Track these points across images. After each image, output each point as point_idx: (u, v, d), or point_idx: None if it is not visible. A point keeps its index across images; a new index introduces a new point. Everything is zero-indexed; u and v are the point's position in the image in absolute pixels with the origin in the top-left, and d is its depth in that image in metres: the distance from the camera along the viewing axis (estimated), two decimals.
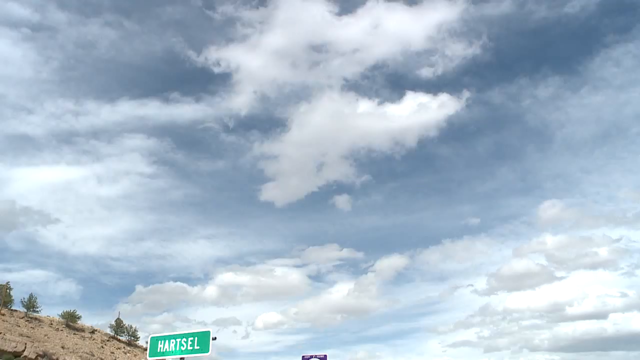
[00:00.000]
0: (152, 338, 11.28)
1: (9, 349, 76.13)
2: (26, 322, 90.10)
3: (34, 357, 78.94)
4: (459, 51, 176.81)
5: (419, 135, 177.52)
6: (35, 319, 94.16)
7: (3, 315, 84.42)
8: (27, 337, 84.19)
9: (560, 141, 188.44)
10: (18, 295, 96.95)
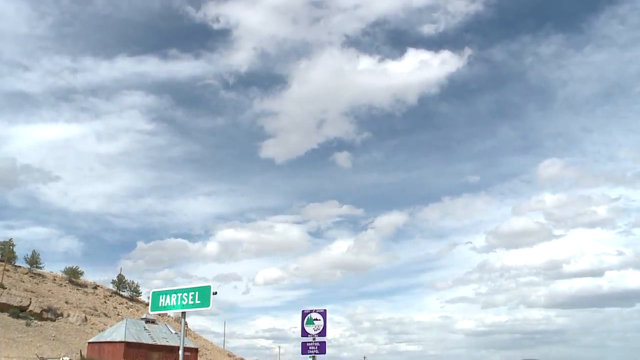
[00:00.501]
0: (153, 293, 11.50)
1: (15, 304, 77.56)
2: (30, 278, 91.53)
3: (39, 311, 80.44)
4: (461, 8, 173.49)
5: (420, 93, 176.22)
6: (39, 274, 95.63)
7: (7, 271, 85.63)
8: (32, 292, 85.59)
9: (562, 100, 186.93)
10: (21, 252, 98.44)
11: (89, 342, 70.55)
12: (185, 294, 10.86)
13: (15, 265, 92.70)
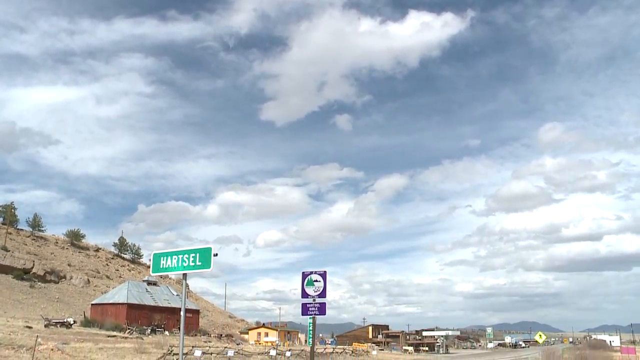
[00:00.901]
0: (154, 255, 11.65)
1: (19, 266, 78.47)
2: (32, 241, 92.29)
3: (42, 274, 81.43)
4: None
5: (421, 55, 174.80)
6: (41, 237, 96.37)
7: (10, 234, 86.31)
8: (35, 255, 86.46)
9: (564, 63, 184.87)
10: (23, 215, 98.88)
11: (92, 304, 71.60)
12: (186, 255, 11.01)
13: (18, 229, 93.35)
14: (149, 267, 14.65)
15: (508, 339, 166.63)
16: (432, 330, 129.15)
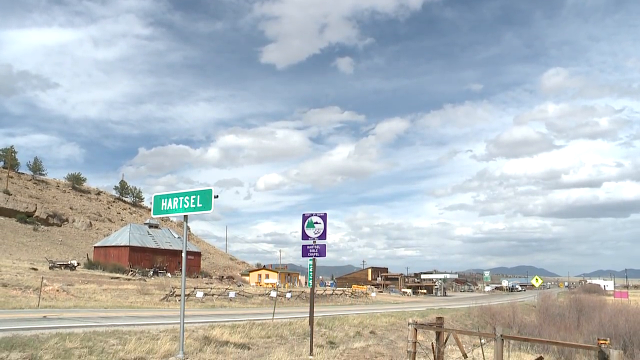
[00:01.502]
0: (155, 197, 11.62)
1: (21, 210, 79.09)
2: (34, 185, 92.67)
3: (45, 217, 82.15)
4: None
5: None
6: (42, 181, 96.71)
7: (11, 178, 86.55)
8: (37, 198, 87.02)
9: (571, 6, 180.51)
10: (23, 159, 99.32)
11: (94, 247, 72.59)
12: (187, 197, 10.99)
13: (19, 172, 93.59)
14: (150, 210, 14.68)
15: (505, 283, 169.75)
16: (431, 273, 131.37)
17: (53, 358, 9.53)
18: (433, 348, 13.48)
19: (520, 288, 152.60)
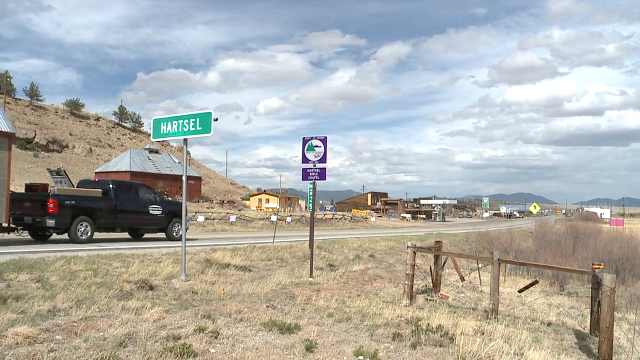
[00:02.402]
0: (154, 120, 11.48)
1: (20, 136, 78.80)
2: (32, 111, 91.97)
3: (44, 143, 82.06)
4: None
5: None
6: (40, 107, 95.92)
7: (8, 103, 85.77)
8: (35, 124, 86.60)
9: None
10: (19, 84, 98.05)
11: (95, 172, 72.88)
12: (187, 120, 10.85)
13: (16, 98, 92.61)
14: (150, 135, 14.52)
15: (503, 209, 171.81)
16: (430, 199, 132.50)
17: (59, 280, 9.70)
18: (431, 271, 13.74)
19: (518, 215, 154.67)
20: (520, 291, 12.20)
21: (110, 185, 19.37)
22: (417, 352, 6.84)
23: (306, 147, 12.88)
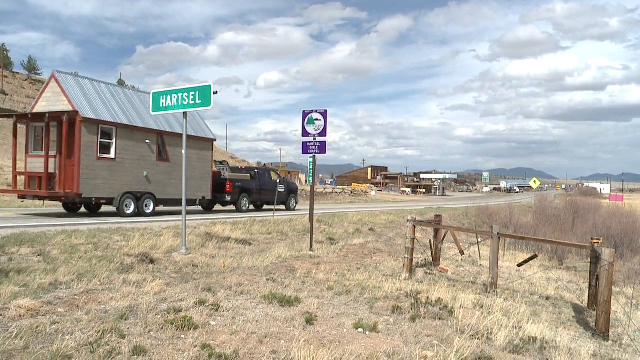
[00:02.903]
0: (153, 93, 11.41)
1: (20, 110, 78.39)
2: (30, 85, 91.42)
3: None
4: None
5: None
6: (39, 81, 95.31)
7: (6, 77, 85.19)
8: (34, 98, 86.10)
9: None
10: (17, 57, 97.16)
11: None
12: (186, 93, 10.78)
13: (14, 72, 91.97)
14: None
15: (503, 184, 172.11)
16: (430, 173, 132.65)
17: (60, 253, 9.73)
18: (431, 245, 13.81)
19: (517, 190, 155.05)
20: (519, 265, 12.26)
21: (256, 171, 26.08)
22: (416, 324, 6.90)
23: (306, 120, 12.83)
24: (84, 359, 4.72)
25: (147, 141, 19.25)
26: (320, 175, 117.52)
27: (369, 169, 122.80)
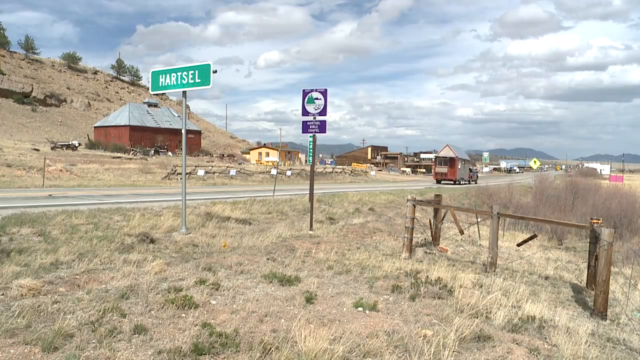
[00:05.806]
0: (153, 72, 11.32)
1: (18, 90, 78.13)
2: (28, 64, 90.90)
3: (42, 97, 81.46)
4: None
5: None
6: (37, 60, 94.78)
7: (3, 57, 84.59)
8: (32, 78, 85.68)
9: None
10: (14, 37, 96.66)
11: (94, 127, 72.59)
12: (185, 72, 10.70)
13: (11, 51, 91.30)
14: (148, 89, 14.37)
15: (503, 164, 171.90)
16: (430, 153, 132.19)
17: (61, 233, 9.75)
18: (430, 225, 13.83)
19: (517, 170, 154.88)
20: (518, 245, 12.28)
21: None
22: (416, 304, 6.93)
23: (306, 99, 12.75)
24: (86, 337, 4.75)
25: None
26: (320, 155, 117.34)
27: (369, 149, 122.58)
